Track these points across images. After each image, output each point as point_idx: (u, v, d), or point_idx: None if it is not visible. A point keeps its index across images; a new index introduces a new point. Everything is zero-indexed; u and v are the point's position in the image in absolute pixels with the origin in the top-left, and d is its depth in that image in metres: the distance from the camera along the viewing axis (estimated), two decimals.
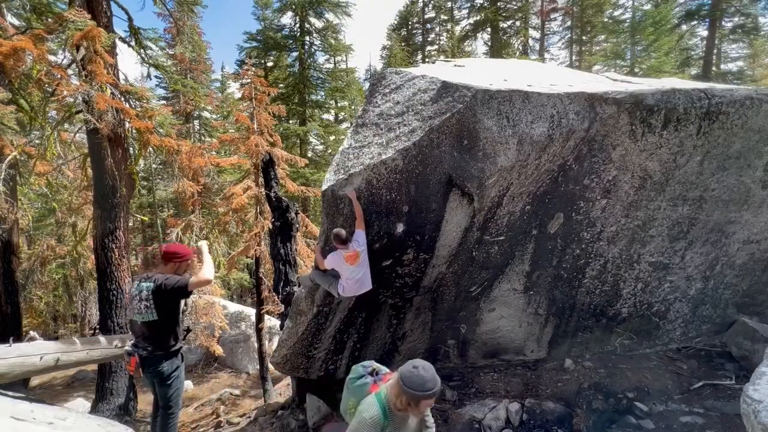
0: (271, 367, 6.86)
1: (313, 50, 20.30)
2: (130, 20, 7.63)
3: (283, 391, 8.32)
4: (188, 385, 10.07)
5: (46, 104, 7.08)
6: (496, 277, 4.66)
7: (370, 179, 3.64)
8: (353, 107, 21.42)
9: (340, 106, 22.35)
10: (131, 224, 12.98)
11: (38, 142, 7.42)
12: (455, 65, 4.88)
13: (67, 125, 8.62)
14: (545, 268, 4.66)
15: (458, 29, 23.99)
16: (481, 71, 4.46)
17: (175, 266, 3.19)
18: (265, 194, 7.27)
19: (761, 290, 5.10)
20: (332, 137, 20.33)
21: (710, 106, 3.89)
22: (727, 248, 4.79)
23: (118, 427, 3.96)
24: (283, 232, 6.17)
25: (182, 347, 3.31)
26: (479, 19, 21.67)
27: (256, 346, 10.04)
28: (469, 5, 22.55)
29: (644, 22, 17.28)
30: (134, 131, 7.39)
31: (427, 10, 25.24)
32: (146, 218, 15.64)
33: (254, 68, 10.78)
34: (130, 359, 3.11)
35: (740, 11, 15.19)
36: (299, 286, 4.73)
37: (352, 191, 3.62)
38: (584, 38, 21.34)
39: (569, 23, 21.58)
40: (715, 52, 16.76)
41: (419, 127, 3.55)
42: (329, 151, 20.75)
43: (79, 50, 6.11)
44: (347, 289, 3.71)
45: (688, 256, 4.76)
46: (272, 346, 9.92)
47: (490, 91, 3.51)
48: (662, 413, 4.00)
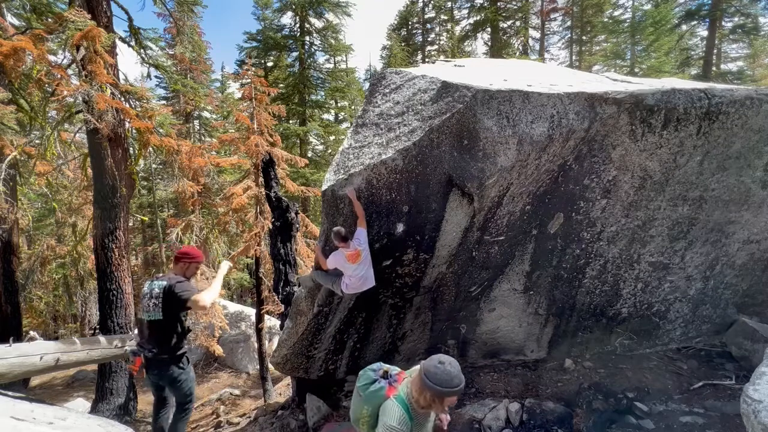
0: (271, 367, 6.86)
1: (313, 50, 20.32)
2: (130, 20, 7.63)
3: (283, 391, 8.32)
4: None
5: (46, 104, 7.09)
6: (496, 277, 4.66)
7: (370, 179, 3.64)
8: (353, 107, 21.44)
9: (340, 106, 22.37)
10: (131, 224, 12.98)
11: (38, 142, 7.44)
12: (455, 65, 4.89)
13: (67, 125, 8.64)
14: (545, 268, 4.65)
15: (458, 29, 24.00)
16: (481, 71, 4.46)
17: (184, 266, 3.25)
18: (265, 194, 7.27)
19: (761, 290, 5.10)
20: (332, 137, 20.35)
21: (710, 106, 3.89)
22: (727, 248, 4.79)
23: (118, 427, 3.95)
24: (283, 232, 6.18)
25: (187, 350, 3.33)
26: (479, 19, 21.64)
27: (256, 346, 10.03)
28: (469, 5, 22.55)
29: (644, 22, 17.28)
30: (134, 131, 7.40)
31: (427, 10, 25.25)
32: (146, 218, 15.65)
33: (254, 68, 10.77)
34: (135, 359, 3.14)
35: (740, 11, 15.17)
36: (299, 286, 4.74)
37: (351, 191, 3.62)
38: (584, 38, 21.35)
39: (569, 23, 21.60)
40: (715, 52, 16.73)
41: (419, 127, 3.55)
42: (329, 151, 20.77)
43: (79, 50, 6.12)
44: (351, 286, 3.73)
45: (688, 256, 4.75)
46: (272, 346, 9.92)
47: (490, 91, 3.52)
48: (662, 413, 3.99)
